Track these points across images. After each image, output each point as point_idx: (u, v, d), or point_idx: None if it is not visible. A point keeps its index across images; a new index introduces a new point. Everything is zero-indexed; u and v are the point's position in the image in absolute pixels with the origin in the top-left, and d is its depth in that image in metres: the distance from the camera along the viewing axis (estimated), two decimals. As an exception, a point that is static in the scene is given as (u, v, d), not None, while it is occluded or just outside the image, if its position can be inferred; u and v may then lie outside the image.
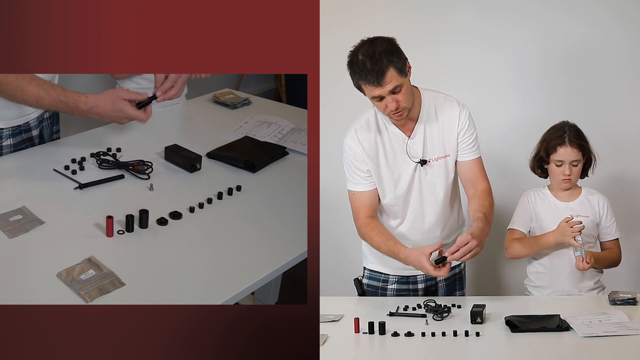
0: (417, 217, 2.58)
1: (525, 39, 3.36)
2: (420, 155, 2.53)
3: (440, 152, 2.54)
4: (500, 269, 3.55)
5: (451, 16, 3.33)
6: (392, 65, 2.33)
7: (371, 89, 2.35)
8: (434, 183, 2.55)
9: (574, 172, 2.63)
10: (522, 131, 3.25)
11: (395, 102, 2.37)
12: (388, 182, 2.54)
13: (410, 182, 2.54)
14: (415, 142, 2.52)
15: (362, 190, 2.54)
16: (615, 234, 2.70)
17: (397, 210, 2.58)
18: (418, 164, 2.53)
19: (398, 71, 2.34)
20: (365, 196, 2.54)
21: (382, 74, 2.32)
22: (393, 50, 2.35)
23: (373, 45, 2.35)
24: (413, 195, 2.56)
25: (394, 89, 2.34)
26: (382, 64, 2.32)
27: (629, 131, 3.34)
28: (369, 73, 2.32)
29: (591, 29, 3.29)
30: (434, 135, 2.52)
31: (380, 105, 2.40)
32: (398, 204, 2.57)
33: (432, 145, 2.53)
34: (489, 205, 2.51)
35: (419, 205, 2.57)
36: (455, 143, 2.53)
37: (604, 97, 3.33)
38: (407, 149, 2.51)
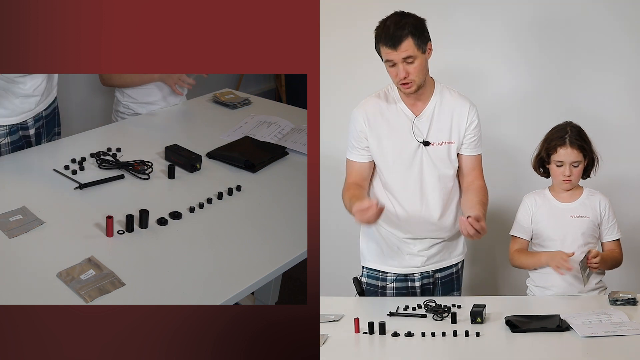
0: (414, 201, 2.58)
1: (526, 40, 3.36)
2: (424, 136, 2.55)
3: (445, 137, 2.56)
4: (499, 269, 3.55)
5: (451, 18, 3.32)
6: (412, 36, 2.43)
7: (386, 52, 2.44)
8: (436, 166, 2.56)
9: (574, 173, 2.63)
10: (527, 131, 3.24)
11: (404, 71, 2.44)
12: (389, 156, 2.56)
13: (411, 160, 2.55)
14: (421, 122, 2.55)
15: (355, 160, 2.60)
16: (616, 234, 2.69)
17: (394, 188, 2.58)
18: (421, 144, 2.54)
19: (416, 44, 2.43)
20: (356, 166, 2.60)
21: (400, 40, 2.41)
22: (419, 25, 2.46)
23: (402, 16, 2.47)
24: (413, 176, 2.56)
25: (407, 57, 2.42)
26: (403, 32, 2.42)
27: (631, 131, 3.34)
28: (388, 36, 2.42)
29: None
30: (442, 121, 2.56)
31: (392, 72, 2.47)
32: (396, 182, 2.57)
33: (438, 128, 2.56)
34: (485, 201, 2.54)
35: (417, 187, 2.57)
36: (461, 134, 2.56)
37: (606, 95, 3.33)
38: (412, 128, 2.53)
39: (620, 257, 2.69)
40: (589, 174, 2.69)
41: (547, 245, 2.65)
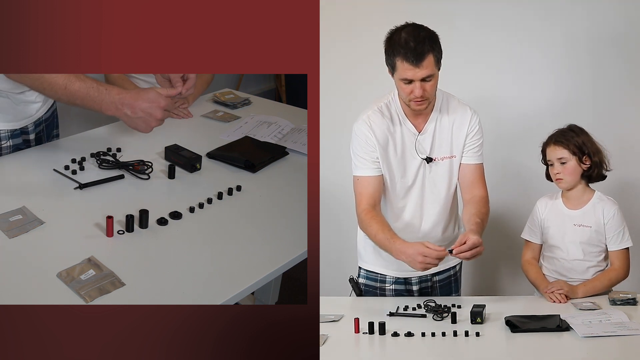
0: (414, 216, 2.58)
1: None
2: (428, 152, 2.53)
3: (447, 152, 2.54)
4: (498, 270, 3.55)
5: (451, 23, 3.32)
6: (432, 52, 2.35)
7: (406, 69, 2.35)
8: (436, 182, 2.55)
9: (564, 171, 2.60)
10: (533, 135, 3.24)
11: (421, 90, 2.37)
12: (395, 174, 2.53)
13: (414, 178, 2.54)
14: (424, 139, 2.52)
15: (368, 175, 2.51)
16: (620, 244, 2.59)
17: (396, 205, 2.57)
18: (424, 161, 2.53)
19: (436, 61, 2.36)
20: (370, 181, 2.50)
21: (423, 56, 2.33)
22: (436, 40, 2.38)
23: (418, 29, 2.37)
24: (414, 192, 2.55)
25: (427, 76, 2.36)
26: (424, 47, 2.33)
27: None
28: (410, 51, 2.32)
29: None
30: (444, 134, 2.53)
31: (406, 89, 2.39)
32: (398, 199, 2.56)
33: (440, 144, 2.53)
34: (486, 213, 2.51)
35: (418, 203, 2.56)
36: (462, 145, 2.54)
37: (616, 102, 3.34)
38: (416, 144, 2.51)
39: (618, 274, 2.59)
40: (592, 176, 2.64)
41: (553, 252, 2.64)
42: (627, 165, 3.20)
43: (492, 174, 2.74)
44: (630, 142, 3.31)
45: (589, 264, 2.60)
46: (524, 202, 3.07)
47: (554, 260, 2.64)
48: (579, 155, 2.59)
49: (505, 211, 3.38)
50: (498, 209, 3.22)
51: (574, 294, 2.51)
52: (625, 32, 3.28)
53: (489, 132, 2.74)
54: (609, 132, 3.01)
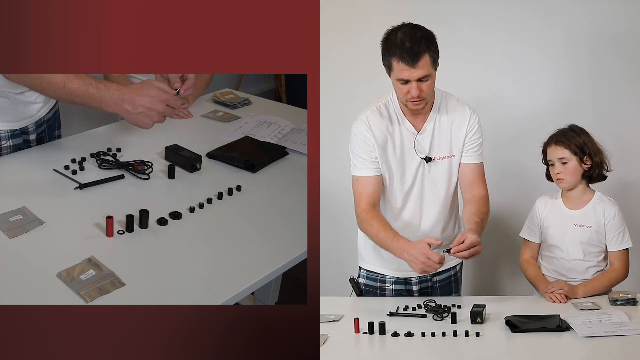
0: (414, 216, 2.58)
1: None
2: (427, 152, 2.53)
3: (446, 151, 2.54)
4: (498, 270, 3.55)
5: (451, 23, 3.32)
6: (428, 52, 2.35)
7: (402, 69, 2.35)
8: (436, 182, 2.55)
9: (564, 170, 2.60)
10: (532, 134, 3.24)
11: (418, 90, 2.37)
12: (394, 174, 2.53)
13: (413, 178, 2.54)
14: (423, 138, 2.52)
15: (367, 175, 2.51)
16: (620, 244, 2.60)
17: (395, 205, 2.57)
18: (423, 161, 2.53)
19: (432, 61, 2.36)
20: (369, 181, 2.51)
21: (419, 56, 2.33)
22: (432, 40, 2.38)
23: (414, 29, 2.37)
24: (414, 192, 2.55)
25: (423, 77, 2.36)
26: (420, 47, 2.33)
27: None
28: (406, 51, 2.33)
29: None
30: (443, 134, 2.53)
31: (403, 89, 2.40)
32: (398, 198, 2.56)
33: (439, 144, 2.53)
34: (485, 212, 2.51)
35: (417, 202, 2.56)
36: (461, 144, 2.54)
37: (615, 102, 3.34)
38: (415, 144, 2.51)
39: (617, 274, 2.59)
40: (593, 175, 2.64)
41: (553, 252, 2.64)
42: (627, 166, 3.20)
43: (492, 174, 2.74)
44: (630, 142, 3.31)
45: (588, 264, 2.60)
46: (524, 202, 3.07)
47: (553, 260, 2.65)
48: (580, 155, 2.59)
49: (505, 211, 3.38)
50: (498, 209, 3.22)
51: (574, 294, 2.51)
52: (625, 32, 3.28)
53: (489, 132, 2.74)
54: (609, 132, 3.01)
